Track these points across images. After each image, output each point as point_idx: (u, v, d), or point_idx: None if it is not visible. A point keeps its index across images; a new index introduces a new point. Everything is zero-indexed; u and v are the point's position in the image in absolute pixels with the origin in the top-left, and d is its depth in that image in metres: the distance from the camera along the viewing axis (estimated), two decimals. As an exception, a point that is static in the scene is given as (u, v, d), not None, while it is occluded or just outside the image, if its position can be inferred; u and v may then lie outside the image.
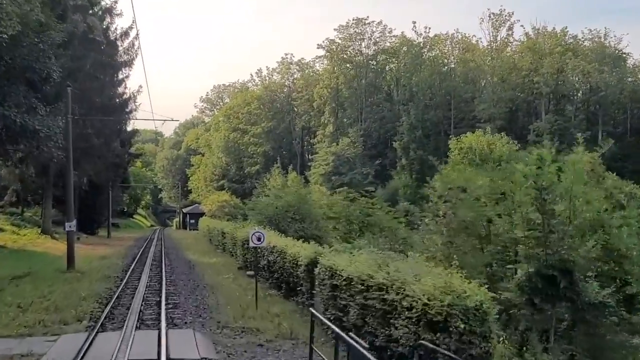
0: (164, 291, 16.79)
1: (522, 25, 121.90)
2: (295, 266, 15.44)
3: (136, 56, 41.44)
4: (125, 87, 45.51)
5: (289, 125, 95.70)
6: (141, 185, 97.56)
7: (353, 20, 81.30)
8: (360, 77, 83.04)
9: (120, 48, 41.70)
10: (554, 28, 75.96)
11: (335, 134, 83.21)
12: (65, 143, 24.78)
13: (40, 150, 31.48)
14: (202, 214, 78.52)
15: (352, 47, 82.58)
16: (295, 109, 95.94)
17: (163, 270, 23.00)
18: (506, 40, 74.89)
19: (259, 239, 14.74)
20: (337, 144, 77.07)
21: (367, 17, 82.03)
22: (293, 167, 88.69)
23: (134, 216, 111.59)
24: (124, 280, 19.65)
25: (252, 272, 23.06)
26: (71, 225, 23.08)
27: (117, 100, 41.16)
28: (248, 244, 24.46)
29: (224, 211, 77.29)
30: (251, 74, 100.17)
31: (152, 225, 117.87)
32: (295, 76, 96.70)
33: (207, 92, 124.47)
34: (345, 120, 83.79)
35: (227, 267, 26.31)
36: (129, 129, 53.54)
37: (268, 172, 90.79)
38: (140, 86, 47.17)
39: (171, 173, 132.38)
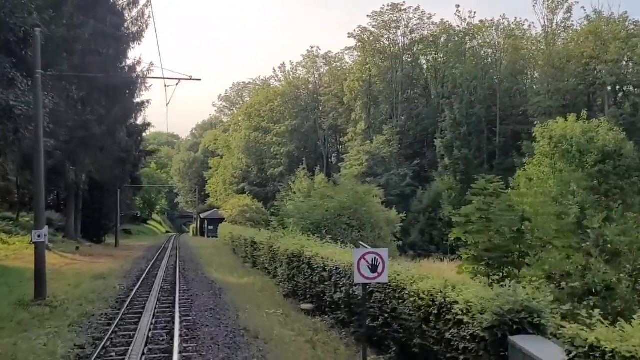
0: (176, 356, 9.22)
1: (583, 7, 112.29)
2: (436, 320, 7.76)
3: (147, 27, 34.19)
4: (134, 72, 38.24)
5: (315, 124, 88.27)
6: (156, 185, 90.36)
7: (388, 6, 73.79)
8: (396, 69, 75.34)
9: (127, 18, 34.50)
10: (612, 13, 67.67)
11: (368, 131, 75.49)
12: (34, 114, 17.43)
13: (18, 136, 24.33)
14: (221, 220, 71.40)
15: (386, 36, 74.96)
16: (320, 107, 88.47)
17: (177, 300, 15.44)
18: (563, 24, 66.67)
19: (374, 269, 7.04)
20: (371, 142, 69.33)
21: (404, 2, 74.41)
22: (320, 169, 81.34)
23: (148, 222, 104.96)
24: (113, 325, 12.11)
25: (309, 305, 15.45)
26: (40, 234, 15.67)
27: (127, 89, 33.85)
28: (299, 262, 16.86)
29: (245, 216, 70.35)
30: (274, 69, 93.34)
31: (167, 232, 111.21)
32: (322, 71, 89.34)
33: (226, 90, 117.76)
34: (378, 116, 76.05)
35: (268, 293, 18.71)
36: (139, 121, 46.26)
37: (292, 175, 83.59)
38: (152, 63, 41.21)
39: (188, 176, 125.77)
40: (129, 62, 35.77)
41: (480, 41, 72.51)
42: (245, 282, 21.66)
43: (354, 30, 76.58)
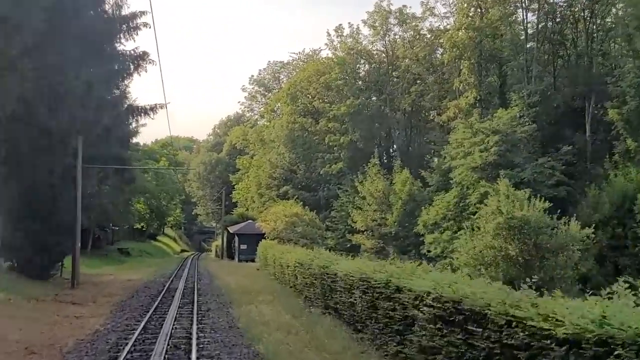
0: None
1: None
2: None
3: None
4: None
5: (385, 104, 63.69)
6: (159, 168, 65.33)
7: None
8: (527, 10, 50.36)
9: None
10: None
11: (478, 105, 50.51)
12: None
13: None
14: (259, 236, 47.01)
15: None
16: (392, 82, 63.86)
17: None
18: None
19: None
20: (498, 117, 44.14)
21: None
22: (402, 164, 56.57)
23: (158, 237, 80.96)
24: None
25: None
26: None
27: None
28: None
29: (295, 231, 45.91)
30: (328, 32, 68.87)
31: (182, 251, 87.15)
32: (395, 31, 64.82)
33: (260, 71, 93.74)
34: (495, 83, 50.96)
35: None
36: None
37: (356, 173, 59.24)
38: None
39: (209, 182, 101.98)
40: None
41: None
42: None
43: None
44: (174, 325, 14.35)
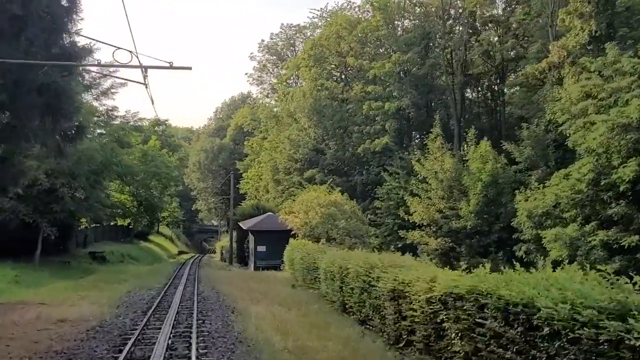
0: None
1: None
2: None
3: None
4: None
5: (438, 61, 48.73)
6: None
7: None
8: None
9: None
10: None
11: (593, 43, 35.43)
12: None
13: None
14: (284, 233, 32.15)
15: None
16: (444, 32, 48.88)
17: None
18: None
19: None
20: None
21: None
22: (480, 134, 41.48)
23: (150, 237, 66.07)
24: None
25: None
26: None
27: None
28: None
29: (337, 226, 31.04)
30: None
31: (180, 253, 72.41)
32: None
33: (271, 34, 78.56)
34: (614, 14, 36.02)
35: None
36: None
37: (407, 150, 44.50)
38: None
39: (211, 173, 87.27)
40: None
41: None
42: None
43: None
44: None
